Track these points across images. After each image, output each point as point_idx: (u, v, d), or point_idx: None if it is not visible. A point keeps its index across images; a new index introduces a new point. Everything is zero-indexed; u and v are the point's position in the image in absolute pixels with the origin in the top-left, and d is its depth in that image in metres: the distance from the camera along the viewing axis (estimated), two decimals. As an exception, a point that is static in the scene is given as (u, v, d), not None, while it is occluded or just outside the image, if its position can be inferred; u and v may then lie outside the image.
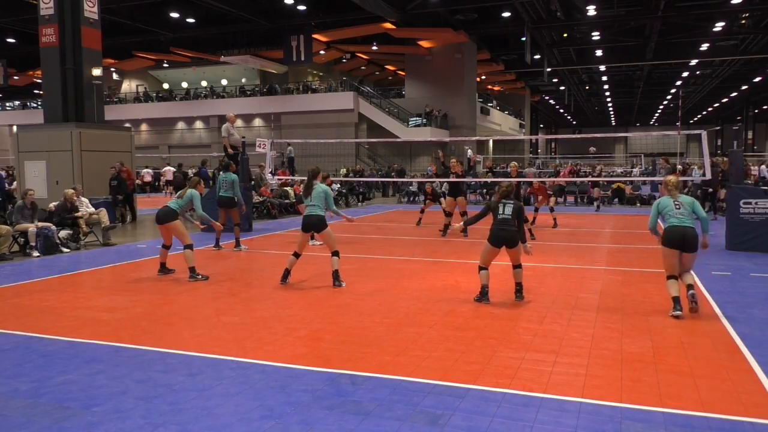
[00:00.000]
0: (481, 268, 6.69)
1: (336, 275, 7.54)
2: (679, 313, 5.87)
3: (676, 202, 6.12)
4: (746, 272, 8.36)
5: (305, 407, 3.84)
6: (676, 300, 5.91)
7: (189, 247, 8.02)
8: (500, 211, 6.60)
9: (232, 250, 10.61)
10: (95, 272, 8.88)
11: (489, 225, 6.74)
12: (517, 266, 6.72)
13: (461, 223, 7.73)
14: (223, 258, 10.08)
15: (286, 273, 7.68)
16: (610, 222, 15.76)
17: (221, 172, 11.52)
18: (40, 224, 10.55)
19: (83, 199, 12.44)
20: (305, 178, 8.05)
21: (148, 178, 29.91)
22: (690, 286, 5.95)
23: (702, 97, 54.92)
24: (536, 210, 14.12)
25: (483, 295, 6.65)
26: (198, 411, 3.80)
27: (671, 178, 6.47)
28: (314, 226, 7.53)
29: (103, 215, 11.76)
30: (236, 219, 10.82)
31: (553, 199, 14.47)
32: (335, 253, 7.53)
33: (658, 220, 6.34)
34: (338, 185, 22.23)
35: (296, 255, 7.67)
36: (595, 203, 19.66)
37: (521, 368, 4.51)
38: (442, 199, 14.30)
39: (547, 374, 4.38)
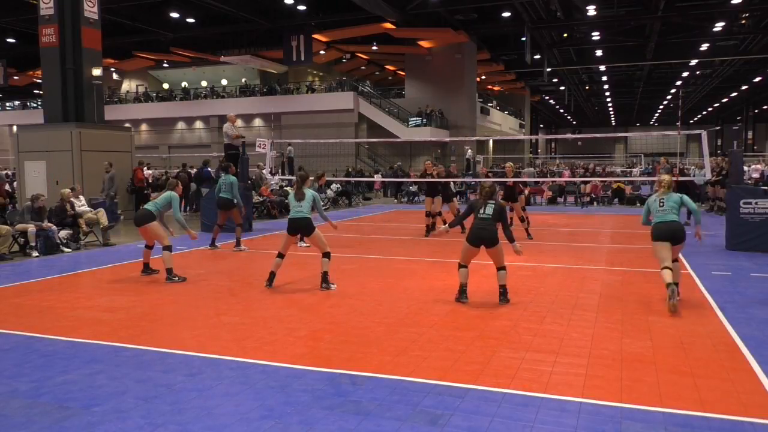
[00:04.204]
0: (460, 266, 6.73)
1: (325, 277, 7.43)
2: (677, 300, 6.11)
3: (661, 200, 6.60)
4: (746, 272, 8.35)
5: (305, 407, 3.84)
6: (672, 286, 6.14)
7: (167, 248, 8.00)
8: (481, 211, 6.63)
9: (233, 250, 10.61)
10: (95, 272, 8.88)
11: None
12: (500, 269, 6.67)
13: (446, 225, 7.53)
14: (223, 258, 10.08)
15: (272, 276, 7.53)
16: (610, 222, 15.76)
17: (222, 174, 11.54)
18: (45, 225, 10.55)
19: (81, 198, 12.45)
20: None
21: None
22: (676, 284, 6.27)
23: (702, 97, 54.90)
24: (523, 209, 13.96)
25: (461, 294, 6.70)
26: (198, 411, 3.80)
27: (666, 177, 6.81)
28: (303, 229, 7.47)
29: (102, 215, 11.75)
30: (237, 219, 10.83)
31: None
32: (326, 255, 7.43)
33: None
34: (338, 185, 22.24)
35: (281, 256, 7.56)
36: (581, 201, 19.54)
37: (521, 368, 4.51)
38: (455, 199, 14.53)
39: (547, 374, 4.38)
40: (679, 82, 44.47)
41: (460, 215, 7.17)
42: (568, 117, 69.01)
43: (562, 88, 47.80)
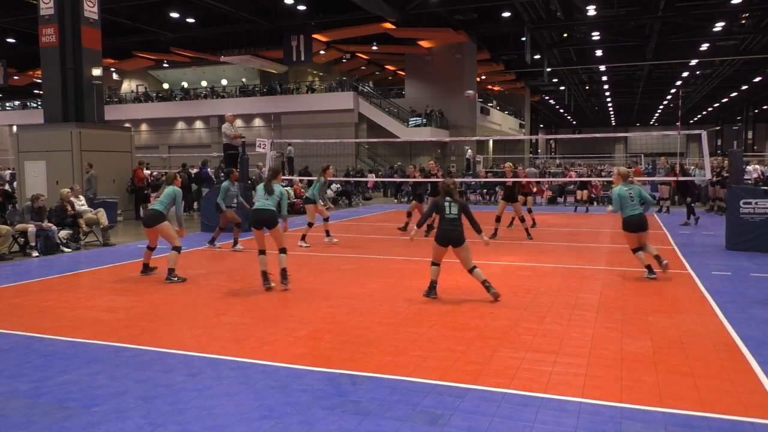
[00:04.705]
0: (433, 264, 6.85)
1: (284, 273, 7.42)
2: (655, 275, 7.76)
3: (630, 194, 7.91)
4: (746, 272, 8.35)
5: (305, 407, 3.84)
6: (649, 267, 7.88)
7: (177, 249, 7.99)
8: (447, 211, 6.71)
9: (231, 250, 10.61)
10: (95, 272, 8.88)
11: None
12: (472, 269, 6.73)
13: (416, 228, 7.34)
14: (223, 258, 10.08)
15: (265, 275, 7.41)
16: (610, 222, 15.75)
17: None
18: (45, 225, 10.55)
19: (81, 198, 12.45)
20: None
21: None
22: (658, 256, 7.97)
23: (702, 97, 54.88)
24: (530, 211, 14.00)
25: (431, 290, 6.84)
26: (198, 411, 3.80)
27: (623, 168, 8.48)
28: (266, 221, 7.42)
29: (102, 215, 11.75)
30: (235, 219, 10.81)
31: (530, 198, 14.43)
32: (283, 251, 7.46)
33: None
34: (338, 185, 22.24)
35: (262, 252, 7.50)
36: (575, 204, 19.53)
37: (521, 368, 4.51)
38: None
39: (547, 374, 4.38)
40: (679, 82, 44.45)
41: (424, 215, 7.16)
42: (568, 117, 68.98)
43: (562, 88, 47.78)
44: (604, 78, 45.21)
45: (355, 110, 32.76)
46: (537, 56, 33.05)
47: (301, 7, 27.11)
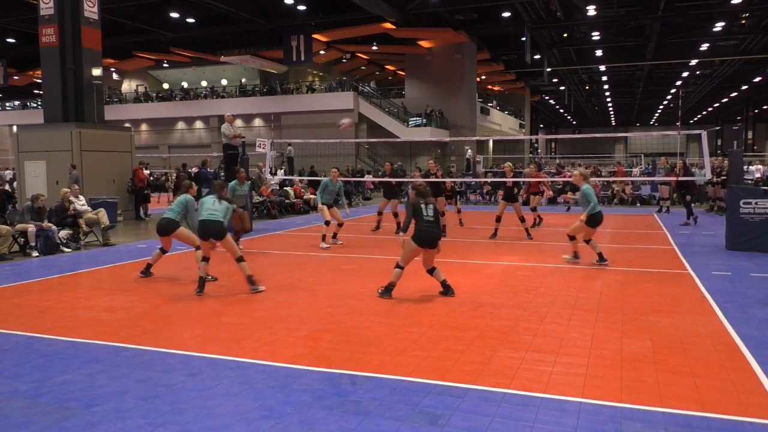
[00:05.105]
0: (397, 266, 6.86)
1: (250, 280, 7.25)
2: (606, 262, 8.84)
3: (596, 193, 8.92)
4: (746, 272, 8.35)
5: (305, 407, 3.84)
6: (600, 254, 8.95)
7: (199, 248, 7.98)
8: (424, 213, 6.77)
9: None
10: (95, 272, 8.88)
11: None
12: (431, 270, 6.91)
13: (399, 233, 7.38)
14: (222, 258, 10.06)
15: (202, 282, 7.16)
16: (610, 222, 15.74)
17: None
18: (45, 225, 10.55)
19: (81, 197, 12.44)
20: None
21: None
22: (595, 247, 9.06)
23: (702, 97, 54.88)
24: (534, 209, 14.06)
25: (387, 291, 6.85)
26: (198, 411, 3.80)
27: (584, 170, 9.70)
28: (214, 233, 7.18)
29: (102, 215, 11.75)
30: (246, 226, 10.59)
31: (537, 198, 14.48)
32: (240, 259, 7.25)
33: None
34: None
35: (205, 260, 7.26)
36: (567, 205, 19.54)
37: (521, 368, 4.51)
38: (457, 198, 14.83)
39: (547, 374, 4.38)
40: (679, 82, 44.46)
41: (407, 219, 6.99)
42: (568, 117, 68.99)
43: (562, 88, 47.78)
44: (604, 78, 45.21)
45: (355, 110, 32.76)
46: (537, 56, 33.05)
47: (301, 7, 27.11)
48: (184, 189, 8.34)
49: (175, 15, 28.37)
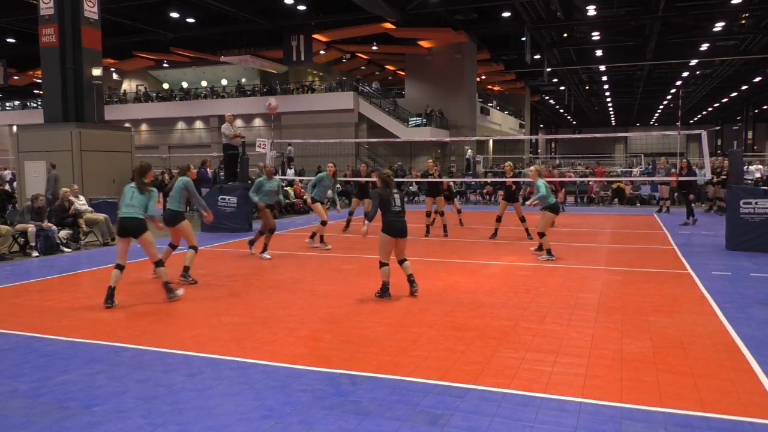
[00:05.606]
0: (382, 264, 6.82)
1: (167, 287, 6.86)
2: (553, 257, 9.41)
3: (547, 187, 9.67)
4: (746, 272, 8.35)
5: (305, 407, 3.84)
6: (548, 251, 9.48)
7: (194, 248, 7.97)
8: (393, 203, 6.77)
9: (259, 256, 9.98)
10: (95, 272, 8.88)
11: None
12: (402, 261, 6.93)
13: (365, 227, 7.03)
14: (223, 258, 10.08)
15: (111, 292, 6.57)
16: (610, 222, 15.76)
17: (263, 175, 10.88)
18: (45, 225, 10.55)
19: (81, 197, 12.44)
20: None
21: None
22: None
23: (702, 97, 54.87)
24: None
25: (384, 292, 6.82)
26: (198, 411, 3.80)
27: (539, 167, 11.01)
28: (132, 230, 6.65)
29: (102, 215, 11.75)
30: (270, 224, 10.10)
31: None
32: (159, 263, 6.87)
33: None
34: (338, 185, 22.20)
35: (119, 267, 6.66)
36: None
37: (521, 368, 4.51)
38: (456, 199, 14.86)
39: (547, 374, 4.38)
40: (679, 82, 44.45)
41: (373, 208, 6.88)
42: (568, 117, 68.98)
43: (562, 88, 47.77)
44: (604, 78, 45.20)
45: (355, 110, 32.75)
46: (537, 56, 33.05)
47: (301, 7, 27.11)
48: (182, 171, 8.13)
49: (175, 15, 28.37)
